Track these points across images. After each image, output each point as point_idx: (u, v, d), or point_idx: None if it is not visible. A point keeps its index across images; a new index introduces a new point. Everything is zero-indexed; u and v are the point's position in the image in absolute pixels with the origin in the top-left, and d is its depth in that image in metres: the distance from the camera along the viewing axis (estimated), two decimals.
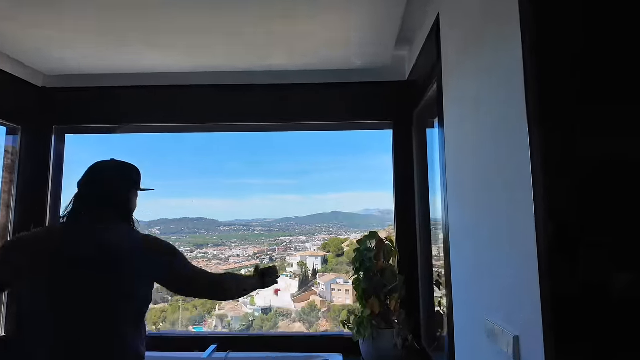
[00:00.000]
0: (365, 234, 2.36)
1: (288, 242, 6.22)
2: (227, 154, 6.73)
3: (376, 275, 2.28)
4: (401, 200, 2.44)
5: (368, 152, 6.33)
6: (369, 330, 2.17)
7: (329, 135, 6.39)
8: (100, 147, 5.16)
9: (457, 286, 1.56)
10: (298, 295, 5.62)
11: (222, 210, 7.57)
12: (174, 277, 1.53)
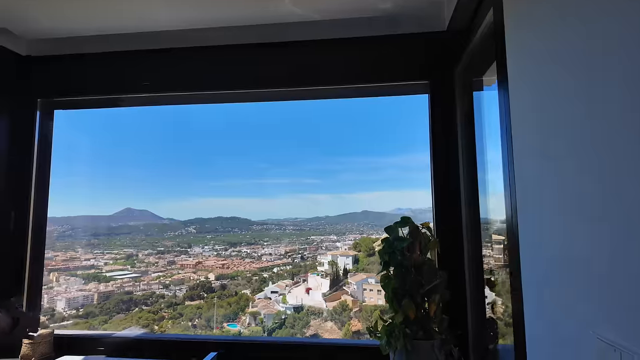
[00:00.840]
0: (397, 221, 1.79)
1: (319, 241, 5.86)
2: (257, 154, 6.40)
3: (410, 271, 1.70)
4: (441, 180, 1.85)
5: (399, 149, 5.78)
6: (402, 340, 1.59)
7: (360, 133, 5.88)
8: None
9: (532, 285, 0.98)
10: (329, 295, 5.20)
11: (255, 209, 7.26)
12: None
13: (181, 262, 5.53)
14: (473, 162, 1.75)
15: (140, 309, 5.01)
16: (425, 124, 1.96)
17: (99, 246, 5.52)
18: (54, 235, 5.06)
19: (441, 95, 1.81)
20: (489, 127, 1.70)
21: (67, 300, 5.04)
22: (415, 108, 2.04)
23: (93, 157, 5.21)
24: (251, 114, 5.77)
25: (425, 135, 1.95)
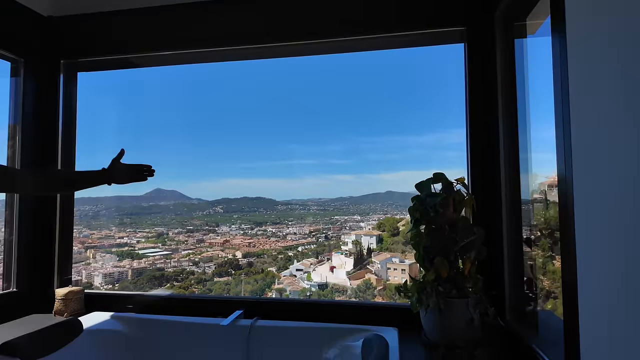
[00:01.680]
0: (429, 178, 1.67)
1: (343, 221, 5.80)
2: (281, 133, 6.31)
3: (444, 228, 1.58)
4: (478, 134, 1.70)
5: (426, 128, 5.56)
6: (434, 298, 1.48)
7: (386, 110, 5.69)
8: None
9: (589, 242, 0.83)
10: (353, 273, 5.13)
11: (280, 190, 7.22)
12: None
13: (209, 240, 5.59)
14: (513, 115, 1.59)
15: (172, 284, 5.09)
16: (456, 95, 1.82)
17: (131, 225, 5.64)
18: (90, 214, 5.20)
19: (479, 42, 1.65)
20: (532, 76, 1.55)
21: (103, 275, 5.17)
22: (442, 80, 1.89)
23: (119, 135, 5.27)
24: (281, 92, 5.66)
25: (455, 113, 1.82)
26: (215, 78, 5.38)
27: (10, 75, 1.97)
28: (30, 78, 2.00)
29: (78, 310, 1.86)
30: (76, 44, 2.04)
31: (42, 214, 2.01)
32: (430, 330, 1.51)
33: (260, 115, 6.25)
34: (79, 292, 1.90)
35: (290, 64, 1.98)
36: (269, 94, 5.87)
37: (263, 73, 5.07)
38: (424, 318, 1.54)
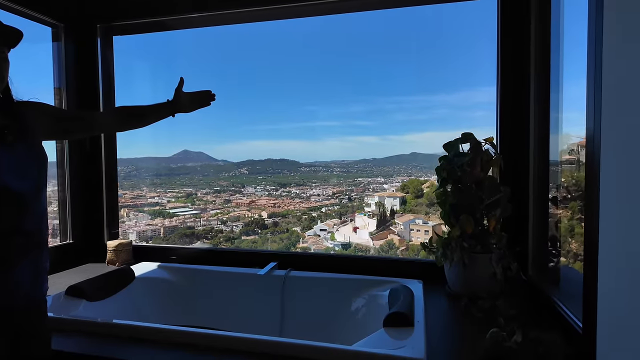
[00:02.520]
0: (457, 137, 1.71)
1: (366, 183, 5.85)
2: (304, 96, 6.29)
3: (470, 187, 1.64)
4: (509, 92, 1.71)
5: (452, 86, 5.40)
6: (459, 252, 1.57)
7: (411, 69, 5.54)
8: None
9: (612, 200, 0.88)
10: (376, 234, 5.26)
11: (303, 152, 7.30)
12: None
13: (236, 200, 5.78)
14: (546, 73, 1.58)
15: (202, 241, 5.36)
16: (486, 51, 1.80)
17: (161, 185, 5.88)
18: (121, 175, 5.49)
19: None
20: (568, 32, 1.51)
21: (137, 233, 5.46)
22: (471, 36, 1.85)
23: (153, 97, 5.40)
24: (304, 54, 5.58)
25: (485, 71, 1.81)
26: (240, 41, 5.35)
27: (52, 40, 2.08)
28: (70, 42, 2.11)
29: (128, 260, 2.07)
30: (111, 8, 2.11)
31: (90, 173, 2.19)
32: (454, 283, 1.62)
33: (283, 78, 6.23)
34: (128, 244, 2.09)
35: (314, 25, 1.99)
36: (292, 56, 5.80)
37: (286, 35, 5.00)
38: (448, 271, 1.64)
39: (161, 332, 1.27)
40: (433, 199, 4.96)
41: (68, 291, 1.58)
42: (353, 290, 1.72)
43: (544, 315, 1.39)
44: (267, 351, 1.17)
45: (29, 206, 1.04)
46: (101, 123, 1.45)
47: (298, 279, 1.82)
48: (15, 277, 1.02)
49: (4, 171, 0.98)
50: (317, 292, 1.77)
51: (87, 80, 2.15)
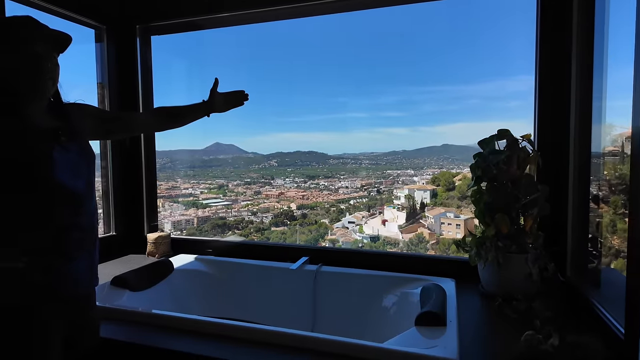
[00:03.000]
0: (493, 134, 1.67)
1: (395, 175, 5.79)
2: (333, 88, 6.27)
3: (506, 185, 1.61)
4: (547, 87, 1.65)
5: (486, 76, 5.22)
6: (493, 252, 1.55)
7: (444, 58, 5.39)
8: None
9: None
10: (405, 227, 5.21)
11: (331, 144, 7.31)
12: None
13: (266, 192, 5.88)
14: (589, 59, 1.51)
15: (233, 232, 5.50)
16: (523, 37, 1.73)
17: (195, 177, 6.07)
18: (157, 166, 5.70)
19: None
20: (614, 16, 1.43)
21: (172, 223, 5.67)
22: (507, 22, 1.79)
23: (189, 93, 5.56)
24: (333, 47, 5.55)
25: (521, 58, 1.74)
26: (270, 36, 5.40)
27: (95, 41, 2.20)
28: (111, 43, 2.22)
29: (167, 252, 2.18)
30: (149, 9, 2.20)
31: (130, 167, 2.31)
32: (488, 283, 1.60)
33: (312, 70, 6.23)
34: (167, 236, 2.20)
35: (342, 18, 1.98)
36: (321, 49, 5.79)
37: (316, 29, 4.98)
38: (482, 271, 1.62)
39: (198, 323, 1.34)
40: (465, 192, 4.86)
41: (113, 281, 1.69)
42: (384, 287, 1.73)
43: (583, 318, 1.35)
44: (301, 346, 1.21)
45: (83, 203, 1.12)
46: (141, 123, 1.52)
47: (329, 274, 1.85)
48: (74, 269, 1.10)
49: (60, 170, 1.06)
50: (348, 288, 1.80)
51: (127, 77, 2.26)
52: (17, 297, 1.03)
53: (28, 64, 1.04)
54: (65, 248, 1.08)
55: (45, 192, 1.04)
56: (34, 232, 1.04)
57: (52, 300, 1.07)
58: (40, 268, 1.04)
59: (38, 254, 1.03)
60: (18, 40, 1.03)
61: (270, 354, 1.19)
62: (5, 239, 1.02)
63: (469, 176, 1.73)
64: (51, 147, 1.06)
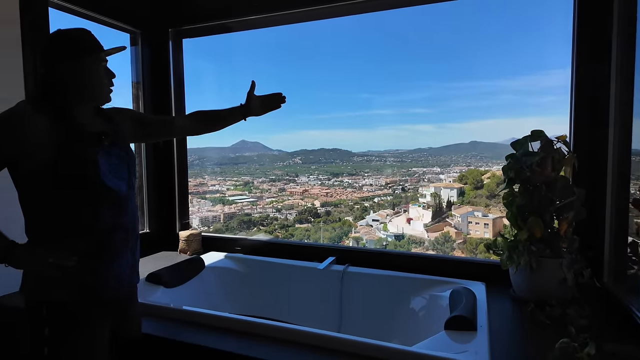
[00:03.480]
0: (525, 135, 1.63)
1: (421, 173, 5.71)
2: (358, 85, 6.24)
3: (540, 188, 1.57)
4: (585, 86, 1.59)
5: (517, 69, 5.05)
6: (526, 256, 1.52)
7: (472, 53, 5.27)
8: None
9: None
10: (431, 225, 5.14)
11: (356, 141, 7.29)
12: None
13: (290, 189, 5.93)
14: (631, 57, 1.45)
15: (258, 228, 5.59)
16: (559, 28, 1.66)
17: (221, 174, 6.19)
18: None
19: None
20: None
21: (200, 218, 5.80)
22: (542, 11, 1.72)
23: (218, 93, 5.67)
24: (359, 43, 5.52)
25: (557, 50, 1.67)
26: (295, 35, 5.43)
27: (130, 44, 2.30)
28: (145, 46, 2.32)
29: (198, 250, 2.24)
30: (181, 14, 2.27)
31: (163, 167, 2.39)
32: (520, 287, 1.57)
33: (336, 67, 6.22)
34: (198, 234, 2.27)
35: (369, 16, 1.98)
36: (346, 48, 5.77)
37: (340, 26, 4.97)
38: (514, 275, 1.59)
39: (228, 321, 1.38)
40: (494, 191, 4.74)
41: (148, 278, 1.76)
42: (412, 290, 1.73)
43: (621, 326, 1.31)
44: (328, 346, 1.23)
45: (126, 204, 1.18)
46: (179, 127, 1.54)
47: (356, 274, 1.86)
48: (119, 267, 1.17)
49: (105, 173, 1.12)
50: (375, 289, 1.81)
51: (160, 78, 2.35)
52: (68, 295, 1.09)
53: (100, 72, 1.12)
54: (111, 248, 1.14)
55: (92, 195, 1.10)
56: (82, 233, 1.10)
57: (98, 297, 1.14)
58: (89, 267, 1.11)
59: (86, 253, 1.10)
60: (93, 50, 1.11)
61: (298, 353, 1.21)
62: (56, 240, 1.09)
63: (498, 174, 1.70)
64: (96, 151, 1.12)
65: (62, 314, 1.09)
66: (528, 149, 1.59)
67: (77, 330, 1.11)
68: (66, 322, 1.09)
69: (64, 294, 1.09)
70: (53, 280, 1.07)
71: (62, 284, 1.09)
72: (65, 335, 1.10)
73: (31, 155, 1.03)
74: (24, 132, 1.02)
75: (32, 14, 1.68)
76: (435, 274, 1.77)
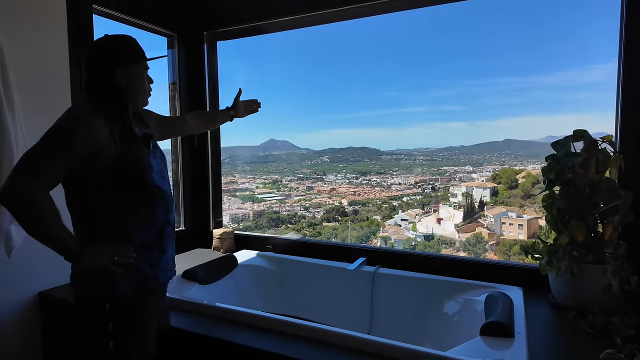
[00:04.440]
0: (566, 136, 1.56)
1: (452, 172, 5.58)
2: (387, 82, 6.16)
3: (583, 190, 1.50)
4: (633, 80, 1.50)
5: (554, 62, 4.81)
6: (567, 261, 1.46)
7: (506, 45, 5.08)
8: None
9: None
10: (462, 226, 5.02)
11: (384, 140, 7.20)
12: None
13: (318, 188, 5.95)
14: None
15: (287, 226, 5.64)
16: (602, 21, 1.58)
17: (251, 172, 6.29)
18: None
19: None
20: None
21: (230, 215, 5.92)
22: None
23: (248, 92, 5.78)
24: (387, 40, 5.46)
25: (599, 44, 1.59)
26: (323, 34, 5.43)
27: (167, 47, 2.39)
28: (181, 49, 2.40)
29: (231, 248, 2.30)
30: (215, 17, 2.33)
31: (198, 167, 2.46)
32: (560, 294, 1.51)
33: (365, 65, 6.17)
34: (231, 232, 2.32)
35: (397, 14, 1.95)
36: (373, 43, 5.70)
37: (368, 24, 4.92)
38: (553, 281, 1.53)
39: (261, 319, 1.41)
40: (529, 190, 4.56)
41: (184, 275, 1.82)
42: (445, 293, 1.70)
43: None
44: (360, 348, 1.23)
45: (172, 201, 1.26)
46: (187, 126, 1.64)
47: (387, 276, 1.85)
48: (166, 260, 1.24)
49: (156, 174, 1.19)
50: (407, 291, 1.79)
51: (196, 79, 2.42)
52: (132, 288, 1.15)
53: (146, 79, 1.19)
54: (162, 242, 1.21)
55: (149, 194, 1.16)
56: (142, 229, 1.17)
57: (155, 288, 1.21)
58: (147, 261, 1.17)
59: (145, 248, 1.17)
60: (141, 57, 1.17)
61: (328, 354, 1.22)
62: (120, 236, 1.15)
63: (534, 173, 1.65)
64: (148, 153, 1.19)
65: (126, 307, 1.15)
66: (570, 149, 1.53)
67: (140, 321, 1.18)
68: (130, 314, 1.16)
69: (127, 288, 1.14)
70: (114, 276, 1.12)
71: (125, 278, 1.14)
72: (131, 327, 1.16)
73: (97, 157, 1.08)
74: (93, 134, 1.07)
75: (78, 21, 1.77)
76: (468, 278, 1.73)
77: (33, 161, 1.03)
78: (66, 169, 1.06)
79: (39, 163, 1.02)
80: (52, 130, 1.06)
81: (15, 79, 1.50)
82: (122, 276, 1.13)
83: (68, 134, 1.04)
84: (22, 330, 1.64)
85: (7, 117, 1.44)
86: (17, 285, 1.61)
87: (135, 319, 1.17)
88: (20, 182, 1.00)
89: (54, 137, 1.05)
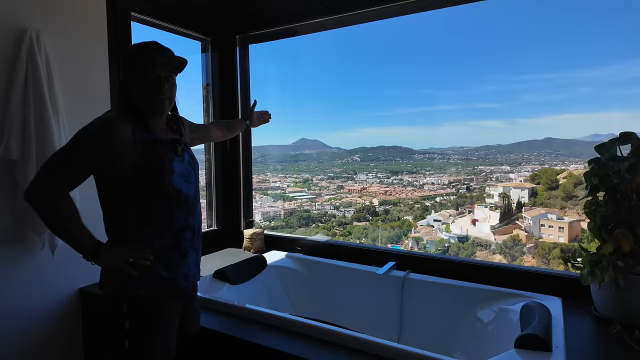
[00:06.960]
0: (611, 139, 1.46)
1: (488, 171, 5.39)
2: (420, 80, 6.03)
3: (630, 197, 1.40)
4: None
5: (597, 57, 4.53)
6: (611, 273, 1.37)
7: (546, 42, 4.83)
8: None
9: None
10: (499, 228, 4.85)
11: (417, 138, 7.06)
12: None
13: (348, 187, 5.93)
14: None
15: (317, 225, 5.66)
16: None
17: (282, 171, 6.36)
18: None
19: None
20: None
21: (262, 213, 6.01)
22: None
23: (281, 93, 5.84)
24: (422, 34, 5.35)
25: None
26: (355, 32, 5.39)
27: (201, 51, 2.46)
28: (215, 52, 2.46)
29: (261, 248, 2.33)
30: (247, 21, 2.38)
31: (230, 170, 2.52)
32: (603, 306, 1.42)
33: (397, 62, 6.07)
34: (261, 233, 2.36)
35: (434, 13, 1.90)
36: (406, 40, 5.60)
37: (401, 23, 4.82)
38: (596, 292, 1.45)
39: (289, 322, 1.42)
40: (570, 192, 4.33)
41: (215, 274, 1.86)
42: (478, 301, 1.64)
43: None
44: (389, 356, 1.21)
45: (195, 207, 1.28)
46: (213, 134, 1.69)
47: (418, 282, 1.81)
48: (187, 264, 1.26)
49: (178, 178, 1.21)
50: (438, 298, 1.75)
51: (228, 81, 2.48)
52: (148, 290, 1.19)
53: (149, 85, 1.19)
54: (183, 247, 1.23)
55: (169, 198, 1.19)
56: (159, 232, 1.19)
57: (172, 292, 1.23)
58: (164, 264, 1.20)
59: (162, 251, 1.20)
60: (142, 65, 1.18)
61: None
62: (137, 238, 1.19)
63: (576, 174, 1.56)
64: (172, 158, 1.21)
65: (141, 307, 1.19)
66: (616, 153, 1.43)
67: (155, 322, 1.20)
68: (145, 315, 1.19)
69: (143, 289, 1.18)
70: (131, 277, 1.17)
71: (141, 279, 1.18)
72: (145, 327, 1.19)
73: (118, 161, 1.13)
74: (114, 140, 1.12)
75: (117, 28, 1.85)
76: (503, 286, 1.67)
77: (55, 162, 1.10)
78: (86, 172, 1.13)
79: (60, 164, 1.10)
80: (77, 135, 1.13)
81: (60, 85, 1.58)
82: (139, 278, 1.16)
83: (89, 139, 1.11)
84: (65, 323, 1.75)
85: (52, 123, 1.53)
86: (60, 281, 1.72)
87: (150, 320, 1.19)
88: (41, 181, 1.08)
89: (77, 142, 1.12)
